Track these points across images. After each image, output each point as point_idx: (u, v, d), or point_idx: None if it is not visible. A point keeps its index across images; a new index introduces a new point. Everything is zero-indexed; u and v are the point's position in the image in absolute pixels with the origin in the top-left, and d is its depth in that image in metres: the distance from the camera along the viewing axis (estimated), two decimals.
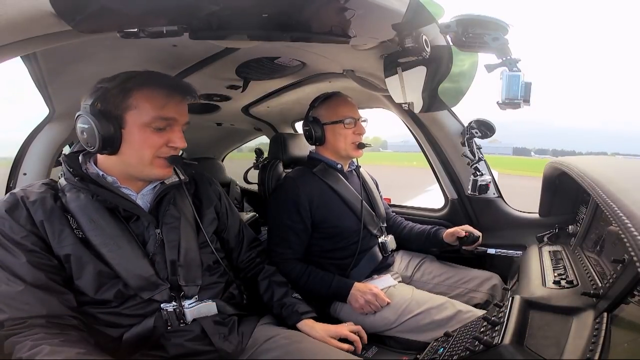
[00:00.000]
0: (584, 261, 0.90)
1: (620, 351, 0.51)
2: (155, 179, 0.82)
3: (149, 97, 0.74)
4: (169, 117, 0.76)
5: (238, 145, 3.03)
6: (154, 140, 0.76)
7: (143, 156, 0.76)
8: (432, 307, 1.05)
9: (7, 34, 0.59)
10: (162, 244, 0.80)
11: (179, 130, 0.80)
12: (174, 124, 0.78)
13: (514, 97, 0.83)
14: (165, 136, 0.77)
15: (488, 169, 1.48)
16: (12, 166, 1.34)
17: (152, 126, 0.75)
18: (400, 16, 0.77)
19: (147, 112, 0.74)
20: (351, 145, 1.25)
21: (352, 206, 1.24)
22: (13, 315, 0.64)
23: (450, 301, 1.08)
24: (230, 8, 0.63)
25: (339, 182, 1.26)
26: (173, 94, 0.77)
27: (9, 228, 0.68)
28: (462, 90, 1.04)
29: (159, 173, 0.80)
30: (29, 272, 0.67)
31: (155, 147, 0.77)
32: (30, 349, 0.60)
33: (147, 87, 0.75)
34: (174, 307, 0.78)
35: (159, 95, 0.75)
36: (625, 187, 0.61)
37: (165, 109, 0.76)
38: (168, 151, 0.79)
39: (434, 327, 1.01)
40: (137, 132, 0.74)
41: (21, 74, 1.00)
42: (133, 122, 0.74)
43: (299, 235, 1.18)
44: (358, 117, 1.27)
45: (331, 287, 1.12)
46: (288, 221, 1.17)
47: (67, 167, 0.77)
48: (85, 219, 0.73)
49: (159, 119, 0.75)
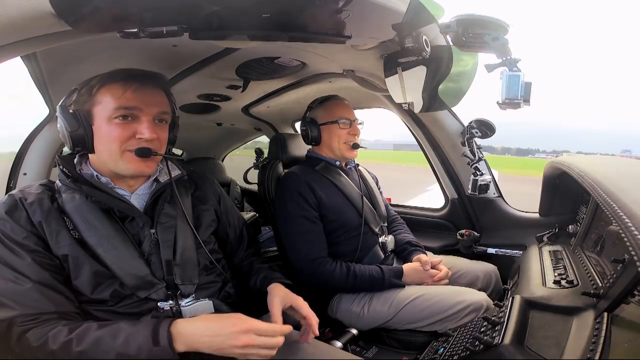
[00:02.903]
0: (584, 261, 0.90)
1: (621, 351, 0.51)
2: (131, 174, 0.79)
3: (109, 89, 0.74)
4: (129, 106, 0.74)
5: (238, 145, 3.03)
6: (119, 132, 0.74)
7: (111, 150, 0.75)
8: (422, 294, 1.07)
9: (7, 34, 0.59)
10: (157, 243, 0.79)
11: (148, 121, 0.76)
12: (140, 114, 0.76)
13: (514, 97, 0.83)
14: (131, 128, 0.75)
15: (488, 168, 1.48)
16: (12, 166, 1.34)
17: (115, 117, 0.74)
18: (400, 16, 0.77)
19: (108, 104, 0.74)
20: (345, 146, 1.28)
21: (353, 201, 1.25)
22: (24, 312, 0.64)
23: (442, 287, 1.10)
24: (230, 8, 0.63)
25: (340, 178, 1.28)
26: (129, 81, 0.75)
27: (10, 229, 0.68)
28: (462, 90, 1.04)
29: (131, 168, 0.77)
30: (35, 272, 0.67)
31: (121, 140, 0.74)
32: (71, 332, 0.62)
33: (109, 80, 0.75)
34: (170, 306, 0.78)
35: (117, 85, 0.75)
36: (626, 186, 0.61)
37: (124, 98, 0.74)
38: (136, 143, 0.76)
39: (430, 315, 1.03)
40: (103, 127, 0.74)
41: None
42: (100, 117, 0.74)
43: (316, 223, 1.17)
44: (353, 119, 1.29)
45: (385, 281, 1.13)
46: (300, 211, 1.16)
47: (60, 168, 0.76)
48: (80, 219, 0.73)
49: (120, 108, 0.74)
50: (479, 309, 0.99)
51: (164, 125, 0.81)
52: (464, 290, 1.08)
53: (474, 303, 1.00)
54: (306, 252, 1.14)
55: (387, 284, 1.12)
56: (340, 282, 1.12)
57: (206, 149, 2.92)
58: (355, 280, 1.12)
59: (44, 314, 0.65)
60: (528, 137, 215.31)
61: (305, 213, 1.16)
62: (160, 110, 0.79)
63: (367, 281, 1.12)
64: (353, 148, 1.28)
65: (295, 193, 1.18)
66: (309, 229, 1.16)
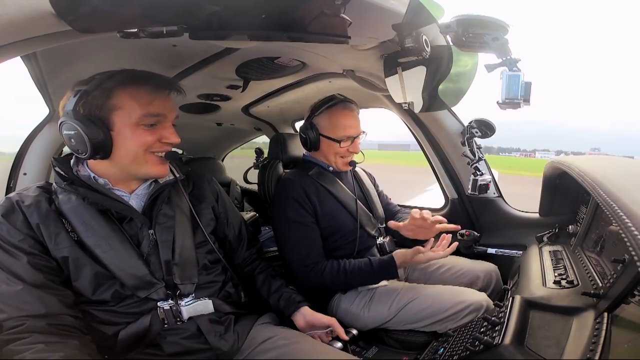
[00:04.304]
0: (584, 261, 0.90)
1: (621, 351, 0.51)
2: (152, 177, 0.82)
3: (133, 95, 0.74)
4: (158, 114, 0.76)
5: (238, 145, 3.03)
6: (147, 138, 0.75)
7: (137, 155, 0.76)
8: (422, 294, 1.07)
9: (7, 34, 0.59)
10: (156, 244, 0.79)
11: (170, 126, 0.79)
12: (164, 120, 0.78)
13: (514, 97, 0.83)
14: (157, 133, 0.77)
15: (488, 168, 1.48)
16: (12, 166, 1.34)
17: (142, 124, 0.74)
18: (400, 16, 0.77)
19: (134, 111, 0.73)
20: (341, 160, 1.25)
21: (347, 206, 1.24)
22: (12, 315, 0.64)
23: (442, 287, 1.10)
24: (230, 8, 0.63)
25: (334, 184, 1.26)
26: (159, 90, 0.77)
27: (6, 232, 0.68)
28: (462, 90, 1.04)
29: (155, 171, 0.79)
30: (29, 273, 0.67)
31: (148, 145, 0.76)
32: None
33: (130, 85, 0.74)
34: (170, 305, 0.78)
35: (145, 92, 0.75)
36: (626, 186, 0.61)
37: (153, 105, 0.75)
38: (162, 147, 0.78)
39: (430, 315, 1.03)
40: (128, 132, 0.74)
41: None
42: (122, 122, 0.73)
43: (312, 228, 1.16)
44: (357, 134, 1.23)
45: (375, 273, 1.10)
46: (296, 217, 1.15)
47: (56, 170, 0.76)
48: (78, 221, 0.73)
49: (148, 115, 0.75)
50: (479, 309, 0.99)
51: (174, 128, 0.83)
52: (464, 290, 1.08)
53: (474, 303, 1.00)
54: (303, 257, 1.13)
55: (377, 274, 1.10)
56: (331, 280, 1.11)
57: (206, 149, 2.91)
58: (346, 275, 1.10)
59: (31, 318, 0.65)
60: (528, 137, 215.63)
61: (302, 219, 1.15)
62: (176, 114, 0.81)
63: (358, 275, 1.10)
64: (349, 165, 1.26)
65: (291, 199, 1.16)
66: (305, 235, 1.15)
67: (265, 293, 0.99)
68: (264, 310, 0.97)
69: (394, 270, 1.08)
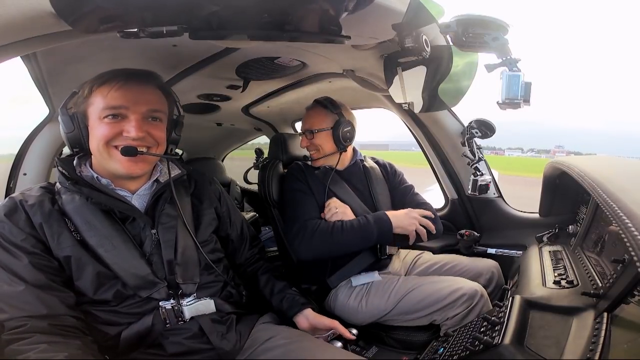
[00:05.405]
0: (584, 261, 0.90)
1: (621, 351, 0.51)
2: (120, 174, 0.78)
3: (100, 89, 0.75)
4: (115, 105, 0.74)
5: (238, 145, 3.03)
6: (106, 131, 0.74)
7: (100, 149, 0.75)
8: (419, 285, 1.08)
9: (7, 34, 0.59)
10: (159, 244, 0.79)
11: (135, 119, 0.75)
12: (128, 112, 0.75)
13: (514, 97, 0.83)
14: (118, 126, 0.75)
15: (488, 168, 1.48)
16: (12, 166, 1.34)
17: (104, 117, 0.74)
18: (400, 16, 0.77)
19: (99, 104, 0.75)
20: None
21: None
22: (14, 315, 0.64)
23: (437, 277, 1.12)
24: (230, 8, 0.63)
25: (336, 184, 1.27)
26: (113, 80, 0.76)
27: (8, 231, 0.69)
28: (462, 90, 1.04)
29: (121, 167, 0.76)
30: (30, 273, 0.67)
31: (107, 138, 0.74)
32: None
33: (101, 79, 0.76)
34: (172, 305, 0.78)
35: (109, 85, 0.75)
36: (626, 186, 0.61)
37: (109, 97, 0.74)
38: (123, 141, 0.75)
39: (428, 305, 1.04)
40: (94, 126, 0.76)
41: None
42: (92, 117, 0.76)
43: (310, 196, 1.22)
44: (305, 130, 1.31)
45: (370, 223, 1.13)
46: (298, 186, 1.24)
47: (60, 170, 0.76)
48: (81, 220, 0.73)
49: (107, 107, 0.74)
50: (474, 296, 1.02)
51: (157, 123, 0.80)
52: (458, 279, 1.10)
53: (468, 291, 1.02)
54: (299, 216, 1.17)
55: (376, 229, 1.12)
56: (322, 240, 1.11)
57: (206, 149, 2.92)
58: (342, 230, 1.11)
59: (32, 319, 0.65)
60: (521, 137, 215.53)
61: (301, 187, 1.23)
62: (150, 108, 0.78)
63: (355, 228, 1.12)
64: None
65: (294, 177, 1.27)
66: (304, 201, 1.21)
67: (268, 293, 0.98)
68: (264, 310, 0.97)
69: (389, 225, 1.12)
